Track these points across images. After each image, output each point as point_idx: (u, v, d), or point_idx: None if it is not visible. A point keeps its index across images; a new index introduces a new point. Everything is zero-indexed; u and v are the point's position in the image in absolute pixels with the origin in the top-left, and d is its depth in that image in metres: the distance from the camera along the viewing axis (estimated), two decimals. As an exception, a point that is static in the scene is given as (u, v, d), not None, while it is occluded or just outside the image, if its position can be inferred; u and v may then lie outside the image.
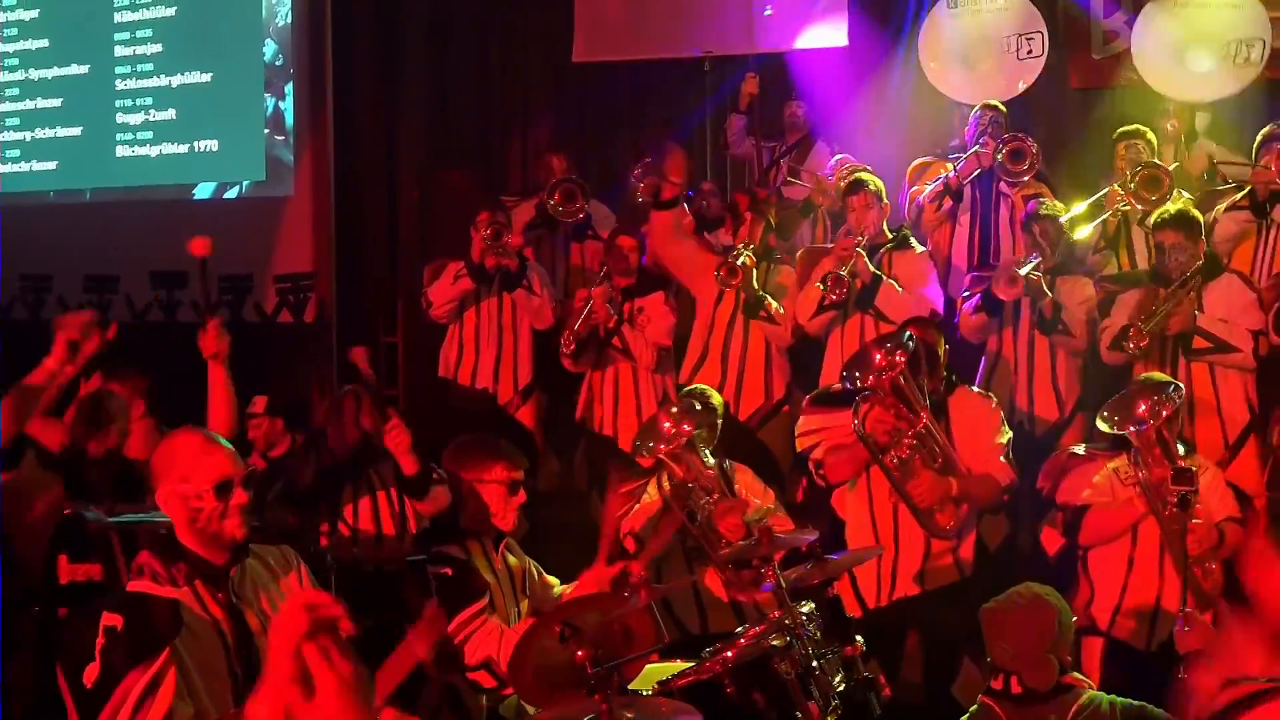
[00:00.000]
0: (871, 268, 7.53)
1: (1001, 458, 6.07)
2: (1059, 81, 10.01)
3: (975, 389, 6.50)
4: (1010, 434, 6.20)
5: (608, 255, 8.42)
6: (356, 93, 11.28)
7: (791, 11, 10.17)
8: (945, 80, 9.60)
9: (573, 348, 8.14)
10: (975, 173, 8.57)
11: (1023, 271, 7.27)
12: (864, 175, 7.88)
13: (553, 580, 5.52)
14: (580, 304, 8.19)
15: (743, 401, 7.93)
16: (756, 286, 7.83)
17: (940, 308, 7.67)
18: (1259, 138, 8.10)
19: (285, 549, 4.11)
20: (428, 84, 11.46)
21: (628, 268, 8.29)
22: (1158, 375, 6.24)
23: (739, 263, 7.69)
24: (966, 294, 7.54)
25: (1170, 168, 8.09)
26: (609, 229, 8.96)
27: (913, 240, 7.99)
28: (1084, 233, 8.10)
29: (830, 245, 7.91)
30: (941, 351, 6.23)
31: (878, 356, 5.75)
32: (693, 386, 7.04)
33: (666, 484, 6.17)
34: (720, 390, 7.35)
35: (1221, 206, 7.92)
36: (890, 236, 7.80)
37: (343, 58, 11.10)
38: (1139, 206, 7.90)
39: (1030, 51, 9.40)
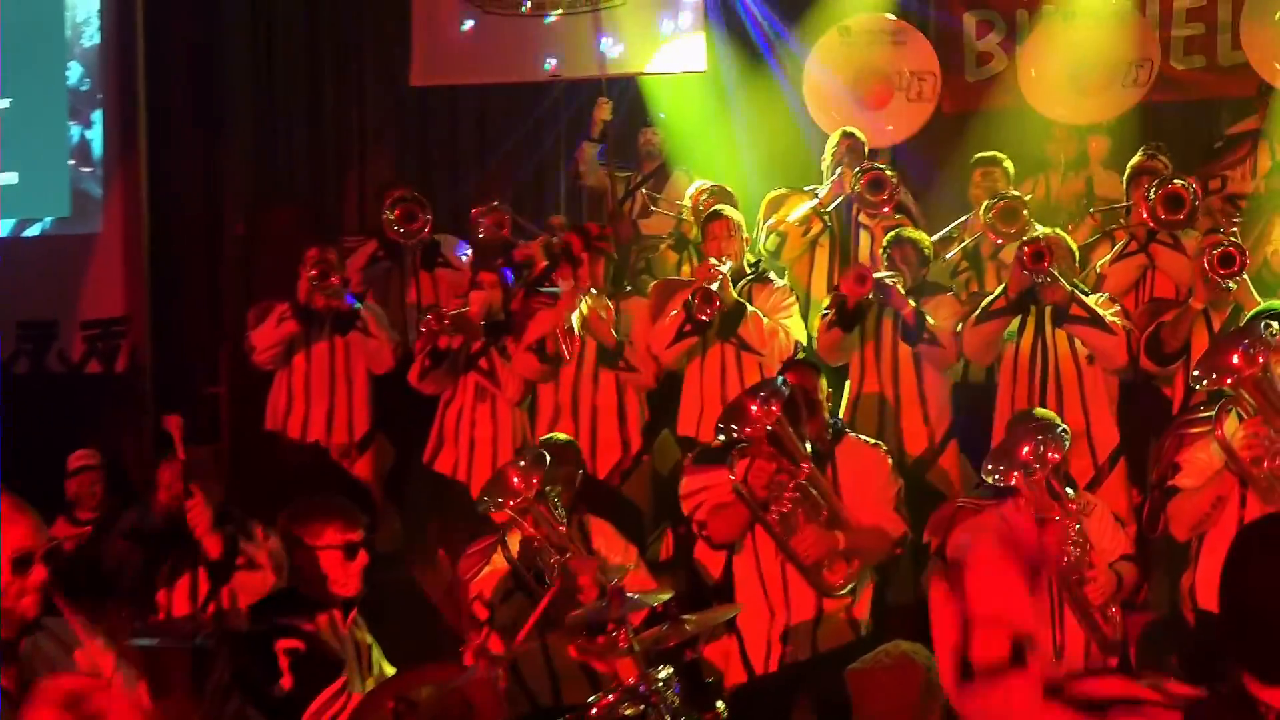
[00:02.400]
0: (735, 294, 7.62)
1: (892, 508, 6.07)
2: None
3: (863, 437, 6.48)
4: (901, 482, 6.22)
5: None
6: (173, 120, 10.98)
7: (645, 34, 10.14)
8: (827, 117, 9.66)
9: (428, 363, 7.99)
10: (837, 200, 8.61)
11: (877, 275, 7.38)
12: (723, 206, 8.03)
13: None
14: (454, 304, 8.08)
15: (599, 457, 7.84)
16: (618, 335, 7.77)
17: (804, 339, 7.77)
18: (1128, 169, 8.22)
19: (83, 619, 3.87)
20: (253, 110, 11.22)
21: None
22: (1041, 411, 6.30)
23: (715, 285, 7.55)
24: (824, 313, 7.64)
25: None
26: (462, 257, 8.94)
27: (772, 274, 8.05)
28: (950, 255, 8.24)
29: (683, 278, 7.98)
30: (822, 396, 6.22)
31: (753, 407, 5.72)
32: (550, 436, 6.92)
33: (514, 542, 6.04)
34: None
35: (1105, 260, 7.96)
36: (750, 270, 7.93)
37: (157, 81, 10.80)
38: (997, 240, 7.97)
39: (920, 94, 9.51)
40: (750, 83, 10.51)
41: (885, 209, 8.39)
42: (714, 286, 7.42)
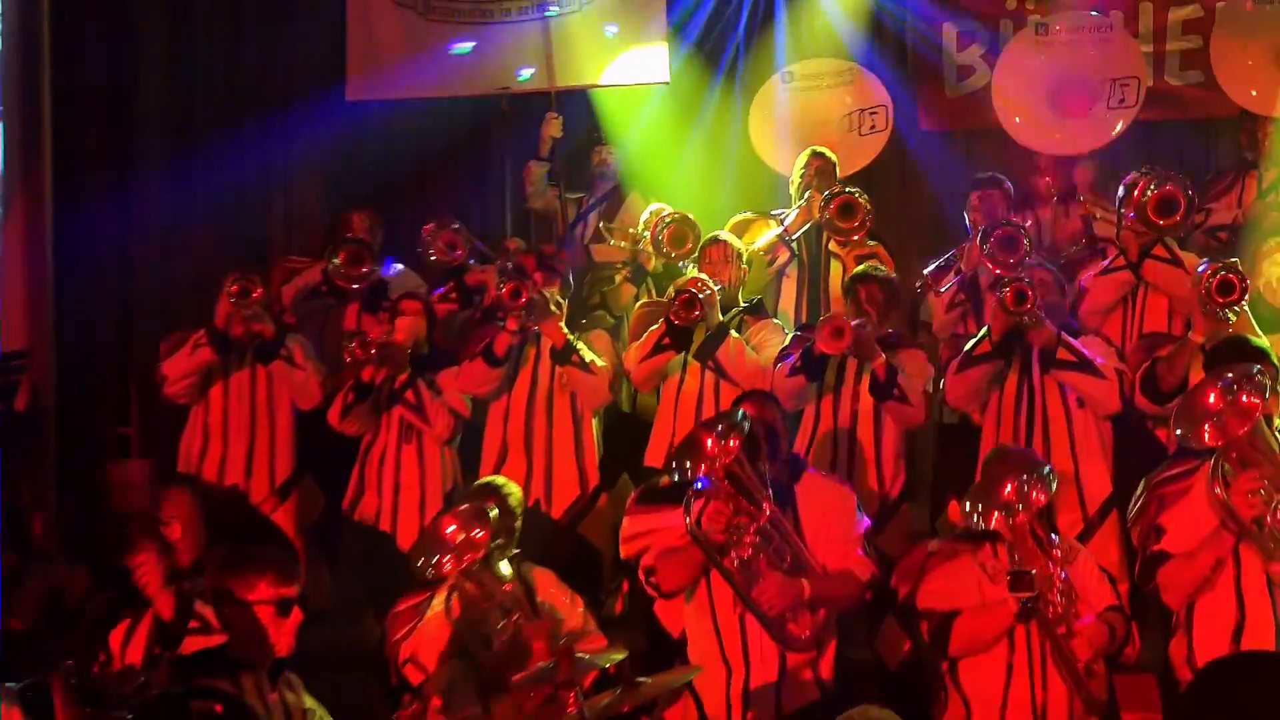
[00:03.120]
0: (720, 317, 7.76)
1: (860, 548, 6.04)
2: (906, 123, 10.10)
3: (824, 473, 6.46)
4: (868, 521, 6.20)
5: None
6: (83, 133, 10.89)
7: (600, 43, 10.18)
8: (779, 158, 9.72)
9: (351, 398, 7.99)
10: (806, 226, 8.62)
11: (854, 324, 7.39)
12: (722, 233, 8.32)
13: None
14: (377, 332, 8.09)
15: (555, 496, 7.89)
16: (572, 338, 7.90)
17: None
18: (1121, 190, 8.21)
19: None
20: (171, 124, 11.15)
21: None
22: (1012, 447, 6.35)
23: (702, 295, 7.68)
24: (785, 354, 7.66)
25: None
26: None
27: (763, 309, 8.17)
28: (944, 289, 8.21)
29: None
30: (783, 430, 6.23)
31: (708, 441, 5.68)
32: (486, 480, 6.88)
33: (455, 602, 5.99)
34: (527, 487, 7.33)
35: (1091, 274, 8.03)
36: (743, 303, 8.09)
37: (65, 88, 10.67)
38: (995, 270, 7.90)
39: (874, 127, 9.60)
40: (713, 98, 10.56)
41: (857, 235, 8.40)
42: (701, 293, 7.59)
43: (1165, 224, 7.69)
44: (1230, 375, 5.66)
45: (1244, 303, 7.04)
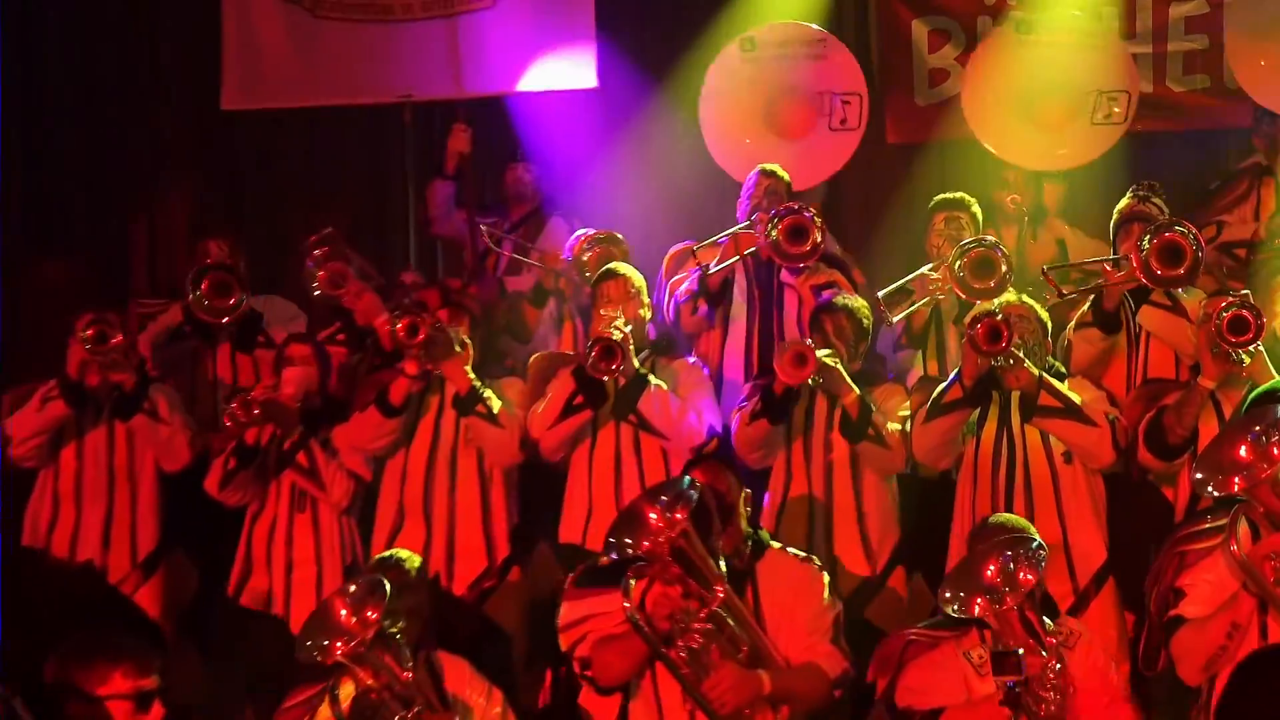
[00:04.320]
0: (635, 363, 7.69)
1: (829, 639, 6.06)
2: (872, 135, 10.12)
3: (791, 549, 6.42)
4: (840, 606, 6.22)
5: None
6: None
7: (517, 45, 10.18)
8: (730, 152, 9.73)
9: (233, 464, 7.92)
10: (733, 261, 8.60)
11: (819, 354, 7.38)
12: (618, 265, 8.23)
13: None
14: (261, 387, 8.05)
15: (458, 569, 7.87)
16: (479, 384, 7.84)
17: (719, 427, 7.77)
18: (1115, 215, 8.32)
19: None
20: (11, 137, 10.82)
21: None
22: (1009, 519, 6.31)
23: (614, 337, 7.59)
24: (742, 404, 7.67)
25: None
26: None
27: (677, 348, 8.19)
28: (897, 319, 8.26)
29: (568, 351, 8.04)
30: (740, 499, 6.22)
31: (652, 515, 5.70)
32: (385, 554, 6.89)
33: (345, 694, 5.94)
34: (426, 558, 7.28)
35: (1070, 325, 8.07)
36: (652, 341, 8.07)
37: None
38: (964, 296, 7.98)
39: (844, 122, 9.60)
40: (649, 108, 10.54)
41: (809, 262, 8.42)
42: (615, 331, 7.53)
43: (1166, 275, 7.60)
44: (1258, 426, 5.69)
45: (1259, 342, 7.05)
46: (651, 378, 7.75)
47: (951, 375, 7.37)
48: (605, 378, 7.60)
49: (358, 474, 8.02)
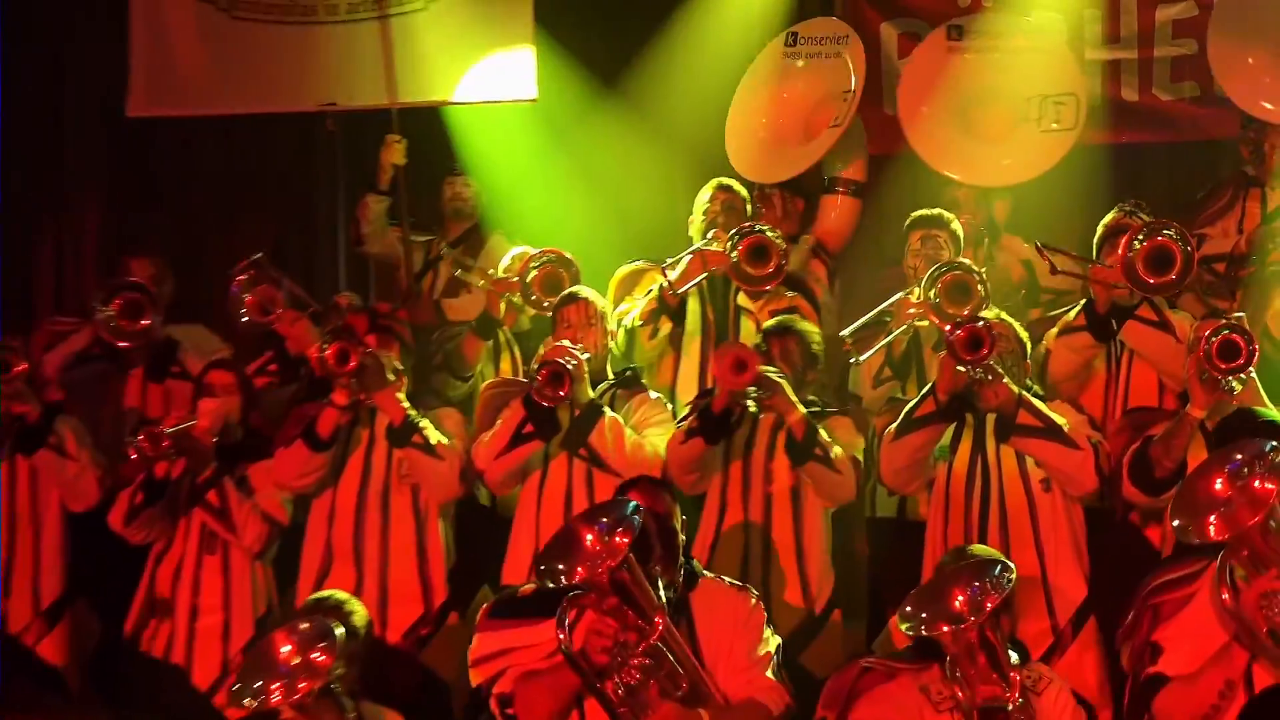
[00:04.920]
0: (591, 393, 7.75)
1: (769, 672, 6.09)
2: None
3: (725, 578, 6.45)
4: (779, 640, 6.25)
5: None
6: None
7: (453, 51, 10.18)
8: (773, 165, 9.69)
9: (140, 498, 7.90)
10: (700, 278, 8.57)
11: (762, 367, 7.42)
12: (580, 289, 8.29)
13: None
14: (174, 417, 8.02)
15: (392, 616, 7.88)
16: (414, 413, 7.85)
17: None
18: (1100, 230, 8.33)
19: None
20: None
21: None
22: (979, 549, 6.32)
23: (570, 367, 7.60)
24: (681, 423, 7.68)
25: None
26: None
27: (640, 381, 8.18)
28: (865, 356, 8.19)
29: (523, 379, 8.03)
30: (678, 525, 6.27)
31: (589, 538, 5.70)
32: (325, 594, 6.94)
33: None
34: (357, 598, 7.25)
35: (1053, 332, 8.09)
36: (613, 375, 8.12)
37: None
38: (939, 323, 7.96)
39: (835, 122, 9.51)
40: (597, 118, 10.60)
41: (771, 285, 8.43)
42: (569, 362, 7.55)
43: (1157, 283, 7.68)
44: (1239, 457, 5.68)
45: (1251, 369, 7.06)
46: (607, 410, 7.78)
47: (925, 388, 7.41)
48: (553, 405, 7.62)
49: (273, 517, 8.03)
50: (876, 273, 9.27)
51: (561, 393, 7.56)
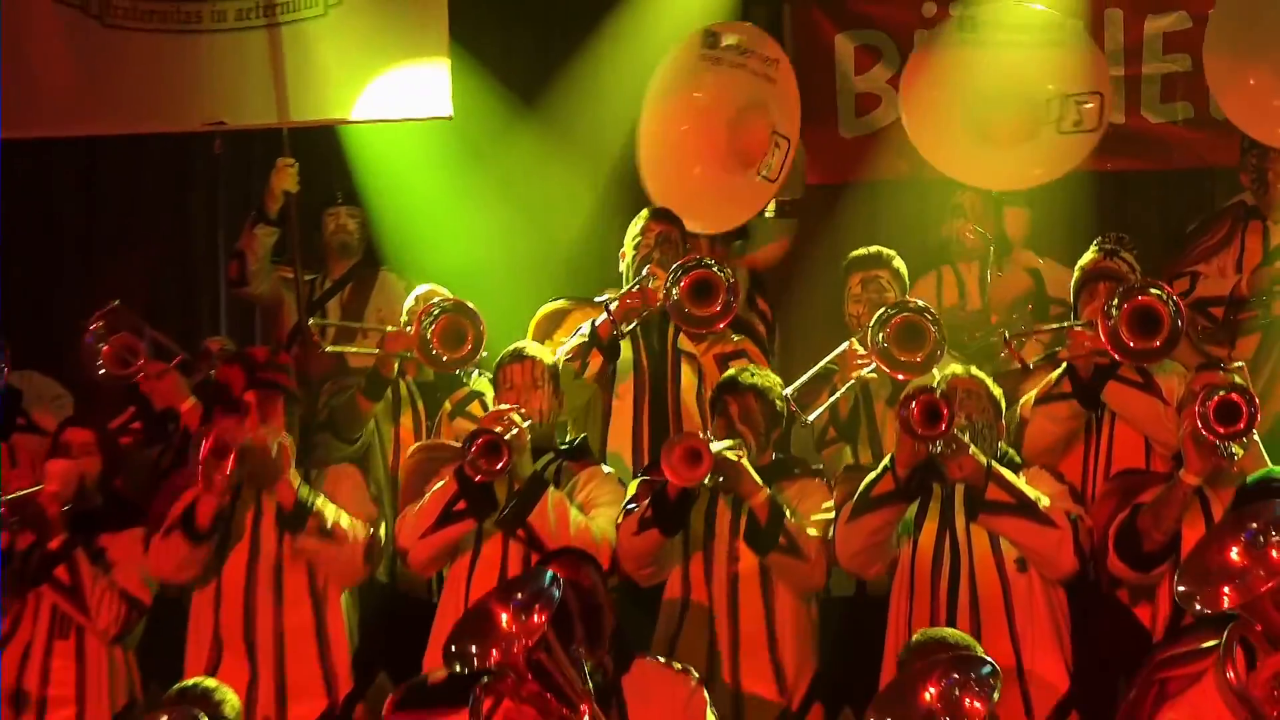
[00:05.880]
0: (532, 466, 7.70)
1: None
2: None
3: (662, 660, 6.47)
4: None
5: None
6: None
7: (355, 64, 10.08)
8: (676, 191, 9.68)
9: None
10: (640, 317, 8.58)
11: (716, 447, 7.32)
12: (527, 344, 8.24)
13: None
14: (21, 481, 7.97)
15: (291, 709, 7.84)
16: (306, 493, 7.74)
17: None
18: (1077, 273, 8.36)
19: None
20: None
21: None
22: (950, 633, 6.33)
23: (509, 436, 7.51)
24: (630, 506, 7.58)
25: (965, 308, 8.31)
26: (59, 415, 8.76)
27: (590, 454, 8.13)
28: (813, 416, 8.22)
29: (454, 442, 7.95)
30: (605, 600, 6.36)
31: (504, 618, 5.68)
32: (192, 682, 6.86)
33: None
34: (251, 697, 7.34)
35: (1029, 398, 8.08)
36: (564, 445, 8.06)
37: None
38: (889, 372, 8.06)
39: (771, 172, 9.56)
40: (516, 138, 10.65)
41: (717, 327, 8.44)
42: (506, 437, 7.44)
43: (1139, 348, 7.69)
44: (1254, 525, 5.69)
45: (1254, 432, 7.04)
46: (551, 487, 7.68)
47: (882, 463, 7.33)
48: (489, 481, 7.52)
49: (134, 596, 7.96)
50: (829, 319, 9.25)
51: (498, 467, 7.46)
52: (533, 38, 10.77)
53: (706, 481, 7.36)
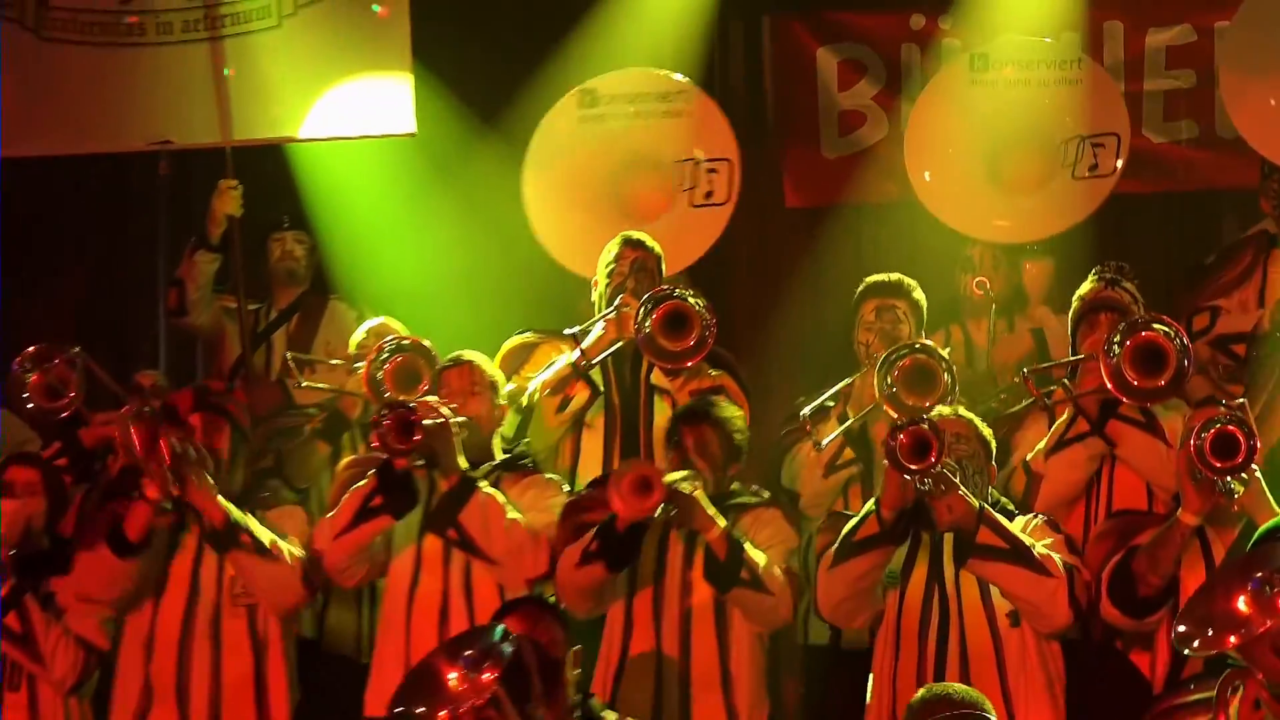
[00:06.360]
0: (464, 463, 7.69)
1: None
2: (766, 198, 10.31)
3: (624, 720, 6.43)
4: None
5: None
6: None
7: (306, 78, 10.09)
8: (559, 239, 9.80)
9: None
10: (613, 348, 8.59)
11: (670, 478, 7.32)
12: (469, 353, 8.25)
13: None
14: None
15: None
16: (238, 512, 7.71)
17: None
18: (1075, 303, 8.35)
19: None
20: None
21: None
22: (957, 689, 6.29)
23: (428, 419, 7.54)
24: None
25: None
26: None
27: (532, 462, 8.10)
28: (828, 440, 8.19)
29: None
30: (566, 656, 6.39)
31: (452, 676, 5.75)
32: None
33: None
34: None
35: (1038, 450, 8.04)
36: (499, 456, 8.02)
37: None
38: (897, 417, 7.86)
39: (710, 195, 9.61)
40: (480, 161, 10.65)
41: (692, 361, 8.43)
42: (425, 422, 7.47)
43: (1144, 386, 7.67)
44: (1261, 572, 5.68)
45: (1254, 467, 7.01)
46: (483, 485, 7.68)
47: (867, 505, 7.28)
48: (399, 461, 7.51)
49: (90, 642, 7.93)
50: (809, 355, 9.24)
51: (410, 444, 7.48)
52: (493, 53, 10.74)
53: (658, 514, 7.32)
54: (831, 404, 8.42)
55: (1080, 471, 7.99)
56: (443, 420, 7.60)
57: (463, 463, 7.72)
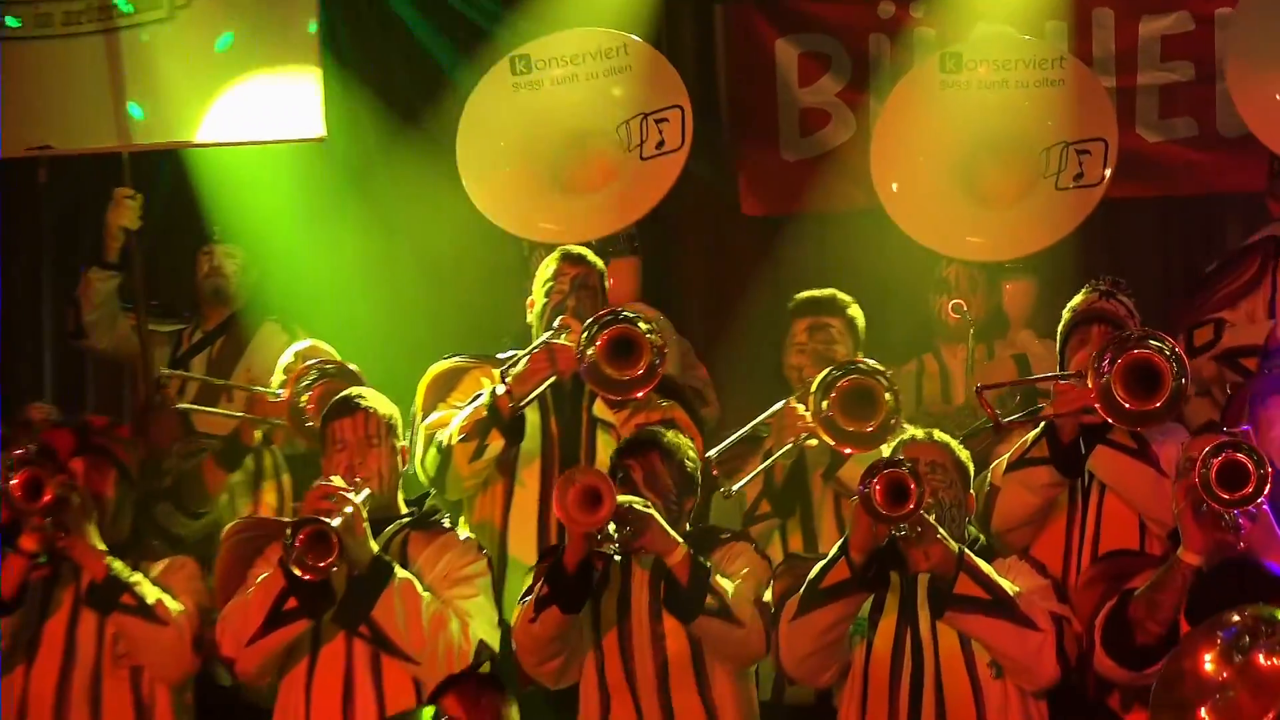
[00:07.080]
0: (374, 546, 7.43)
1: None
2: (718, 205, 10.30)
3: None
4: None
5: None
6: None
7: (206, 78, 10.04)
8: (504, 209, 9.69)
9: None
10: (547, 382, 8.47)
11: (624, 498, 7.24)
12: (359, 391, 8.00)
13: None
14: None
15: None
16: (121, 566, 7.62)
17: (496, 643, 7.55)
18: (1066, 315, 8.29)
19: None
20: None
21: None
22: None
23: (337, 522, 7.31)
24: (524, 597, 7.50)
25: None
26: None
27: (444, 518, 7.89)
28: (739, 485, 8.17)
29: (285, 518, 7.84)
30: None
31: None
32: None
33: None
34: None
35: (1001, 463, 8.00)
36: (406, 509, 7.82)
37: None
38: (833, 444, 8.01)
39: (661, 144, 9.47)
40: (404, 167, 10.61)
41: (641, 392, 8.38)
42: (335, 523, 7.23)
43: (1136, 409, 7.62)
44: (1235, 623, 5.64)
45: (1263, 499, 6.92)
46: (398, 569, 7.49)
47: (835, 548, 7.18)
48: (317, 580, 7.33)
49: None
50: (765, 377, 9.21)
51: (326, 563, 7.24)
52: (412, 50, 10.76)
53: (612, 534, 7.22)
54: (750, 442, 8.37)
55: (1037, 496, 7.90)
56: (353, 510, 7.35)
57: (371, 545, 7.47)
